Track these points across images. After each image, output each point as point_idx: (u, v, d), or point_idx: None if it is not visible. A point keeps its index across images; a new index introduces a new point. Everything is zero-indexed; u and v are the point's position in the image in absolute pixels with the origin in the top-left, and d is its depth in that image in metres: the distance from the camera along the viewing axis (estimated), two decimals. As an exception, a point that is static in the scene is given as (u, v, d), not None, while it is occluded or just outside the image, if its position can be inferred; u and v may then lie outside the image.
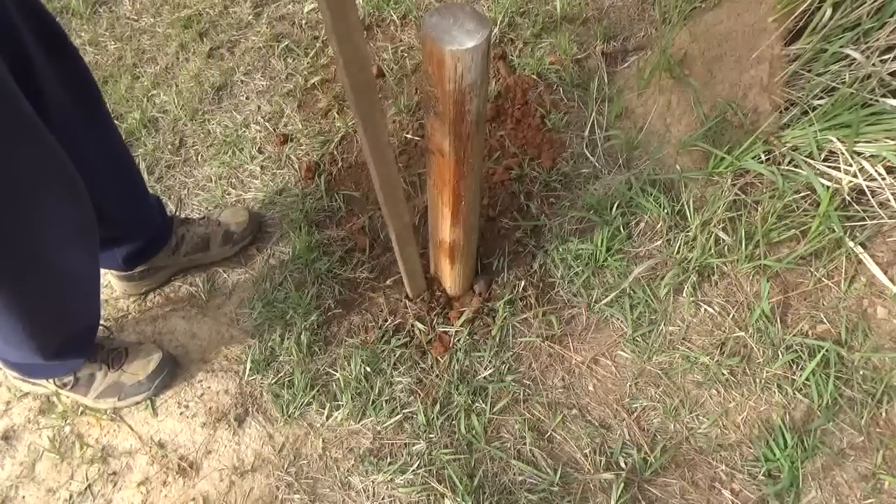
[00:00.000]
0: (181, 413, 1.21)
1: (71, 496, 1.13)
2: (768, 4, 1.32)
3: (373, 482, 1.12)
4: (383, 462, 1.13)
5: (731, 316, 1.25)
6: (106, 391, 1.18)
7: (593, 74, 1.60)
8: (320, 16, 1.75)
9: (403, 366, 1.23)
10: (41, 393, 1.22)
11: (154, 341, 1.29)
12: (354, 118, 0.69)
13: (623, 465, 1.12)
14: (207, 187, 1.53)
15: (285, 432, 1.18)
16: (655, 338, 1.24)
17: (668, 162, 1.40)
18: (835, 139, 1.21)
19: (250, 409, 1.21)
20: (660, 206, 1.32)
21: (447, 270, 1.19)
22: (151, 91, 1.73)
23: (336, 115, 1.62)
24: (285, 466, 1.14)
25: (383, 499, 1.11)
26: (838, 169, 1.22)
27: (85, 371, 1.17)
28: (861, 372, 1.17)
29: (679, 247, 1.29)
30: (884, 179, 1.18)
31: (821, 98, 1.27)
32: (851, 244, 1.24)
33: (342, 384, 1.21)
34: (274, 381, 1.22)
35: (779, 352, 1.20)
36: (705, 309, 1.27)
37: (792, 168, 1.26)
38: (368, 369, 1.22)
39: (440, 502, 1.09)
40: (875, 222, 1.24)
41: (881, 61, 1.17)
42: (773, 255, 1.27)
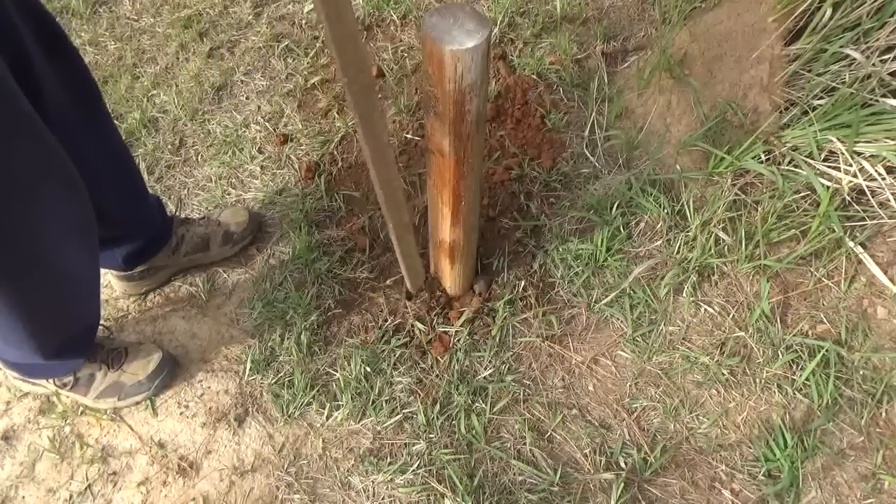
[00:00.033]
0: (181, 413, 1.21)
1: (71, 496, 1.13)
2: (768, 4, 1.32)
3: (373, 482, 1.12)
4: (383, 462, 1.13)
5: (731, 316, 1.25)
6: (106, 391, 1.18)
7: (593, 74, 1.60)
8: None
9: (403, 366, 1.23)
10: (41, 393, 1.22)
11: (154, 341, 1.29)
12: (354, 118, 0.69)
13: (623, 465, 1.12)
14: (207, 187, 1.53)
15: (285, 432, 1.18)
16: (655, 338, 1.24)
17: (668, 162, 1.40)
18: (835, 139, 1.21)
19: (250, 409, 1.21)
20: (660, 206, 1.32)
21: (447, 270, 1.19)
22: (151, 91, 1.73)
23: (336, 115, 1.62)
24: (285, 466, 1.14)
25: (383, 499, 1.11)
26: (838, 169, 1.22)
27: (85, 371, 1.17)
28: (861, 372, 1.17)
29: (679, 247, 1.29)
30: (884, 179, 1.18)
31: (821, 98, 1.27)
32: (851, 244, 1.24)
33: (342, 384, 1.21)
34: (274, 381, 1.22)
35: (779, 352, 1.20)
36: (705, 309, 1.27)
37: (792, 168, 1.27)
38: (368, 369, 1.22)
39: (440, 502, 1.09)
40: (875, 222, 1.24)
41: (881, 61, 1.17)
42: (773, 255, 1.27)
